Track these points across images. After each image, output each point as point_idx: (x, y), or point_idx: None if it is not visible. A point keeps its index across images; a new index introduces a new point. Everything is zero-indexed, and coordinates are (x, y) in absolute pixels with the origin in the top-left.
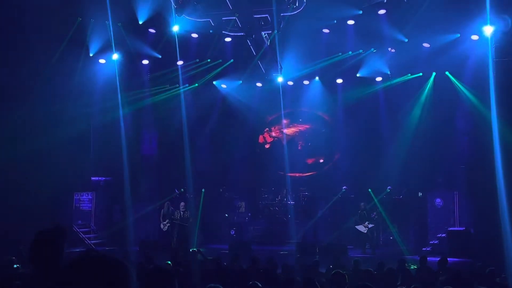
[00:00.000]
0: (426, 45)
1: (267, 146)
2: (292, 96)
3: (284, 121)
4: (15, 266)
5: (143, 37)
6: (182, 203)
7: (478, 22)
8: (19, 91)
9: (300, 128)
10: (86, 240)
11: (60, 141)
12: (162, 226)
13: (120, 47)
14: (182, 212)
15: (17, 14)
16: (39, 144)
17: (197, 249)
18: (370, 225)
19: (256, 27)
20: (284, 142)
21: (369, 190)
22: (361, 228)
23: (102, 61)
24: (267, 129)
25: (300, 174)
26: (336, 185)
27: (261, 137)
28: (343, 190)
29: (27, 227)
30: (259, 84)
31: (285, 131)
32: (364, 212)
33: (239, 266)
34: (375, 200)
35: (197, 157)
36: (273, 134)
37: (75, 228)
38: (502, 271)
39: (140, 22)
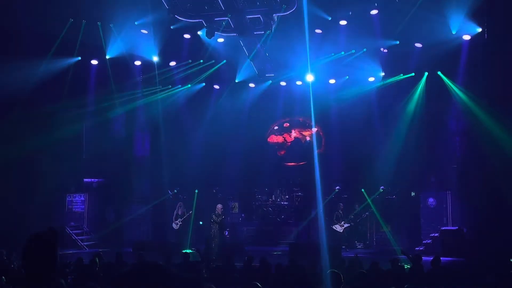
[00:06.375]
0: (418, 45)
1: (288, 144)
2: (285, 96)
3: (286, 125)
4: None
5: (136, 38)
6: (220, 205)
7: (470, 21)
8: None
9: (314, 131)
10: (79, 242)
11: (52, 142)
12: (174, 225)
13: (112, 48)
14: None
15: (8, 14)
16: (32, 146)
17: (195, 250)
18: (345, 225)
19: (249, 27)
20: (304, 141)
21: (362, 190)
22: (337, 227)
23: (94, 62)
24: (287, 131)
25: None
26: (330, 185)
27: (279, 137)
28: (336, 190)
29: (19, 228)
30: (252, 85)
31: (304, 133)
32: (341, 212)
33: (232, 266)
34: (368, 200)
35: (191, 157)
36: (293, 135)
37: (68, 230)
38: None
39: (135, 23)
